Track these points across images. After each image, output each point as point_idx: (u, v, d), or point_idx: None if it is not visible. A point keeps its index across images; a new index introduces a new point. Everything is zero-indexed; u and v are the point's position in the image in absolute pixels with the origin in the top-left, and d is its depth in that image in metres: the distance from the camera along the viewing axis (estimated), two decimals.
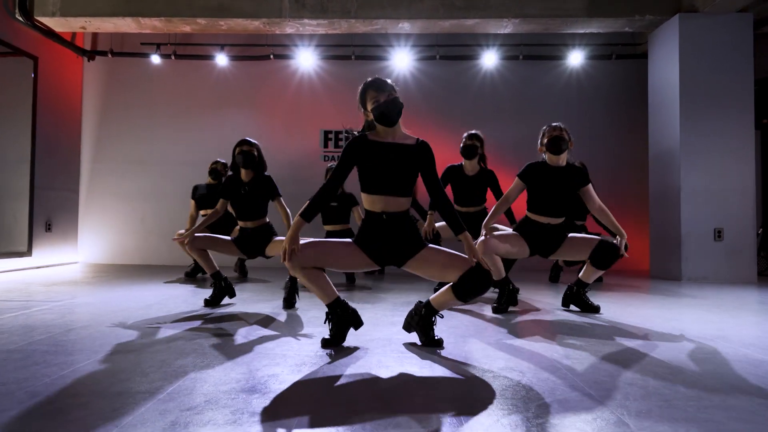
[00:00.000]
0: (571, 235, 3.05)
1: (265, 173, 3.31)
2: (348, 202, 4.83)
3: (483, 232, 2.99)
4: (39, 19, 5.48)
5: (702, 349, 2.18)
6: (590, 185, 3.01)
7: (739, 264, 5.14)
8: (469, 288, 2.01)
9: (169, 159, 6.62)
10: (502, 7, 5.37)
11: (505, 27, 5.62)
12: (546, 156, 3.04)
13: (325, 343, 2.14)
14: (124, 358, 1.93)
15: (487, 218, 3.02)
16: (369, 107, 2.09)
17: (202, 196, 5.14)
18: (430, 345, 2.14)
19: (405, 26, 5.63)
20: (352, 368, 1.82)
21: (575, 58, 6.46)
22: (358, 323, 2.19)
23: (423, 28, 5.72)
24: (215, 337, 2.32)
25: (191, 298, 3.57)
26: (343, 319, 2.15)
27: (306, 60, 6.50)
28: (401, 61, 6.41)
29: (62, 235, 6.18)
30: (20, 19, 5.30)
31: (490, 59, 6.46)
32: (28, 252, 5.54)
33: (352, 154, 2.08)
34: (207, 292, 3.55)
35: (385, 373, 1.77)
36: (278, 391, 1.56)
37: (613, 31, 5.75)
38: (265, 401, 1.47)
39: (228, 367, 1.81)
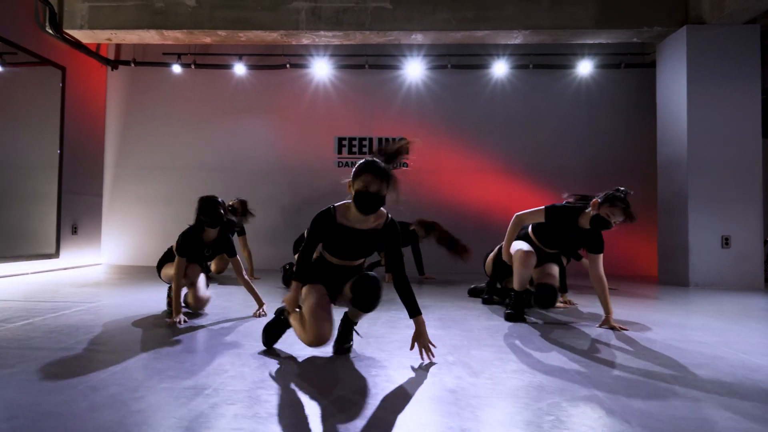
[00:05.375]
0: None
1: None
2: None
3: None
4: (67, 31, 5.74)
5: (704, 354, 2.31)
6: (600, 256, 2.97)
7: (746, 271, 5.22)
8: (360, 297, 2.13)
9: (188, 165, 6.85)
10: (512, 20, 5.51)
11: (516, 38, 5.76)
12: (588, 212, 2.96)
13: None
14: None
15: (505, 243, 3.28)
16: (356, 187, 2.03)
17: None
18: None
19: (418, 37, 5.80)
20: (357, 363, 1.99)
21: (584, 68, 6.58)
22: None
23: (435, 39, 5.88)
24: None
25: (216, 300, 3.75)
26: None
27: (321, 69, 6.69)
28: (414, 71, 6.57)
29: (87, 237, 6.42)
30: (50, 31, 5.56)
31: (500, 68, 6.60)
32: (56, 254, 5.78)
33: (318, 231, 2.13)
34: (227, 291, 3.72)
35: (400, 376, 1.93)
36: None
37: (622, 41, 5.87)
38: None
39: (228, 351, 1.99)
